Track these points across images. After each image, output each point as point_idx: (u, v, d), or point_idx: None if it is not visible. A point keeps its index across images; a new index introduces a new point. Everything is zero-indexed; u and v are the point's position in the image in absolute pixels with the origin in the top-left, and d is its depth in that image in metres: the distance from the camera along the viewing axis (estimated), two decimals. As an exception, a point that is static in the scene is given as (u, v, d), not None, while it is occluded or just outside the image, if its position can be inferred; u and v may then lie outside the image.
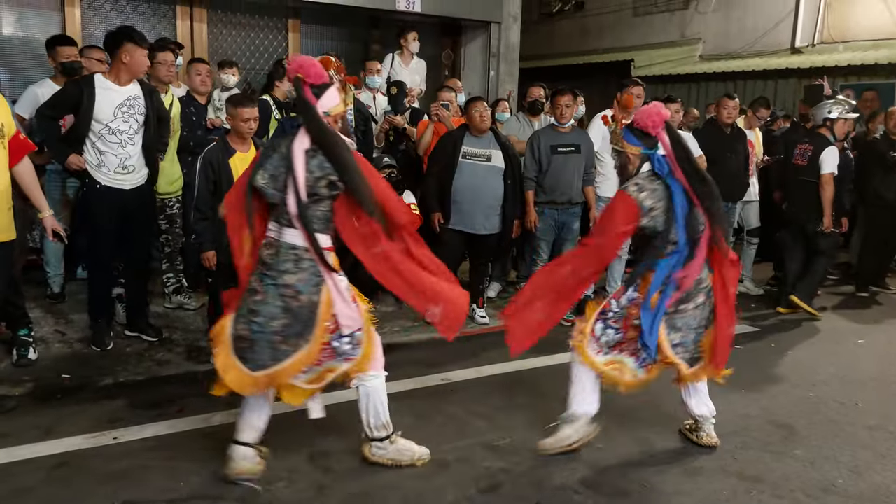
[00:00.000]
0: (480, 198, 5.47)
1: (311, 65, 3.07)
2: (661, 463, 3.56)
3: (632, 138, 3.43)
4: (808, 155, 6.23)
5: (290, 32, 7.69)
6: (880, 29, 12.11)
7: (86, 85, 4.40)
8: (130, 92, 4.48)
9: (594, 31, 16.31)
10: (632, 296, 3.40)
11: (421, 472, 3.38)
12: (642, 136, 3.40)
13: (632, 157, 3.44)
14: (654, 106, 3.41)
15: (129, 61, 4.37)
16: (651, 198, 3.30)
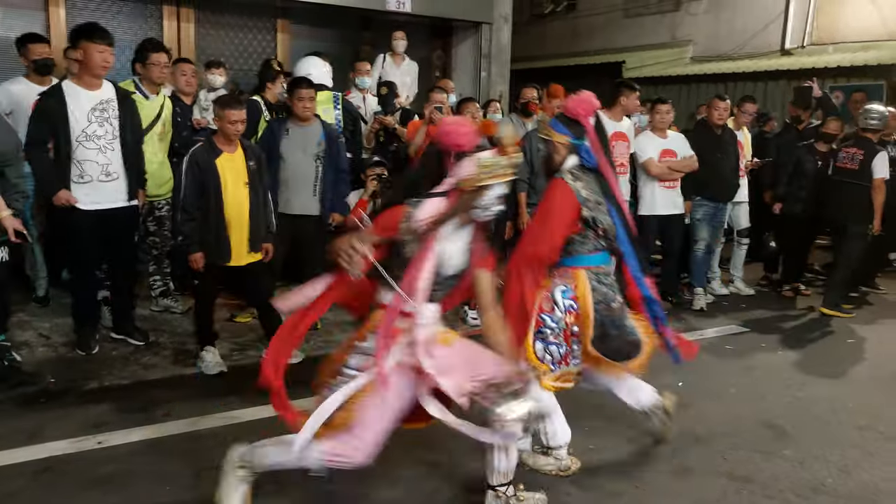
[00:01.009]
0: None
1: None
2: (653, 463, 3.55)
3: (560, 127, 3.27)
4: (858, 159, 6.32)
5: (278, 33, 7.66)
6: (869, 30, 12.16)
7: (55, 94, 4.32)
8: (103, 95, 4.41)
9: (585, 33, 16.33)
10: (567, 304, 3.22)
11: (413, 475, 3.35)
12: (571, 124, 3.26)
13: (559, 146, 3.27)
14: (585, 94, 3.30)
15: (84, 59, 4.29)
16: (586, 189, 3.20)
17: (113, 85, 4.49)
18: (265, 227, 4.53)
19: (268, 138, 5.02)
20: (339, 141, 5.22)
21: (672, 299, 6.54)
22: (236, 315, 5.38)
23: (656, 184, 6.16)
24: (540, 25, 17.13)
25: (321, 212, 5.13)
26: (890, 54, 11.38)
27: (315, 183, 5.07)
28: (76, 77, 4.39)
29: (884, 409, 4.22)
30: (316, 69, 5.72)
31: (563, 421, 3.42)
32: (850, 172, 6.34)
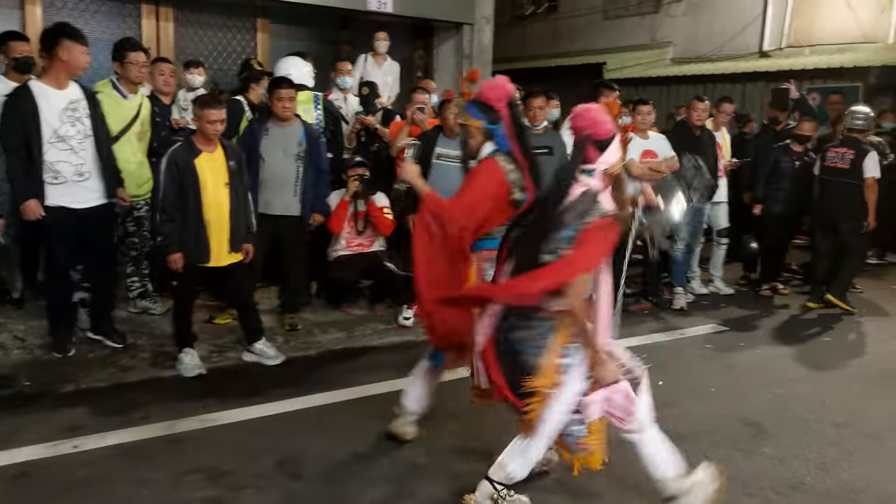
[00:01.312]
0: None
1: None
2: (633, 462, 3.54)
3: (475, 111, 3.27)
4: (849, 159, 6.42)
5: (258, 32, 7.59)
6: (845, 33, 12.31)
7: (23, 94, 4.23)
8: (72, 95, 4.34)
9: (566, 34, 16.39)
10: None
11: (392, 475, 3.34)
12: (486, 109, 3.25)
13: (474, 130, 3.28)
14: (499, 79, 3.30)
15: (67, 58, 4.23)
16: (514, 172, 3.20)
17: (78, 84, 4.42)
18: (245, 227, 4.50)
19: (248, 138, 4.98)
20: (319, 141, 5.19)
21: (653, 299, 6.58)
22: (215, 316, 5.33)
23: (637, 184, 6.17)
24: (521, 26, 17.18)
25: (302, 212, 5.10)
26: (865, 56, 11.53)
27: (296, 183, 5.04)
28: (46, 76, 4.32)
29: (862, 407, 4.26)
30: (296, 69, 5.68)
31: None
32: (842, 172, 6.44)
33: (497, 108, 3.23)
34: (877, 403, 4.32)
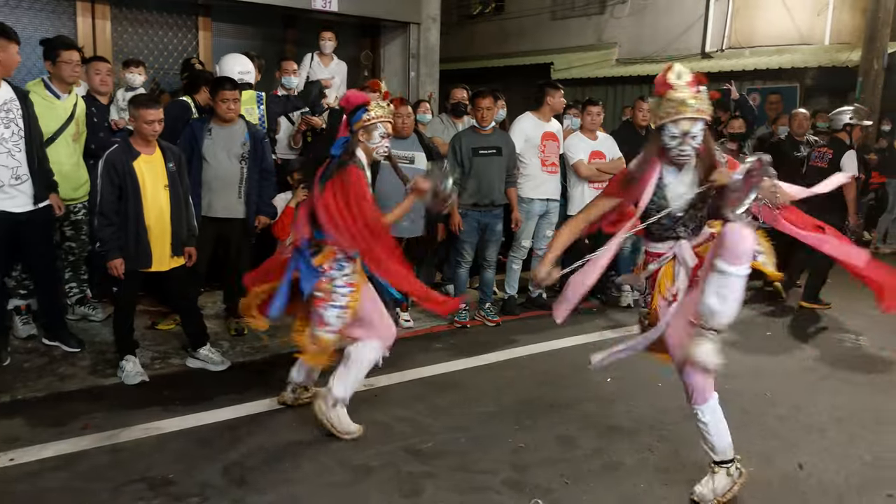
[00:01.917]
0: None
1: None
2: (583, 459, 3.59)
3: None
4: (828, 158, 6.59)
5: (200, 31, 7.44)
6: (783, 35, 12.70)
7: None
8: (4, 96, 4.18)
9: (514, 34, 16.51)
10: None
11: (343, 479, 3.30)
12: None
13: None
14: (349, 92, 3.68)
15: (2, 58, 4.09)
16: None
17: (9, 84, 4.26)
18: (187, 230, 4.39)
19: (189, 139, 4.86)
20: (263, 141, 5.10)
21: (601, 297, 6.65)
22: (158, 322, 5.19)
23: (586, 185, 6.25)
24: (468, 26, 17.24)
25: (246, 214, 5.01)
26: (802, 58, 11.91)
27: (240, 185, 4.94)
28: None
29: (804, 400, 4.38)
30: (240, 67, 5.58)
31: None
32: (821, 170, 6.56)
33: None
34: (819, 396, 4.45)
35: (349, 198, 3.41)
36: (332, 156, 3.53)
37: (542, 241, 6.23)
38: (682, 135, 2.89)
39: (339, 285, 3.57)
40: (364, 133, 3.54)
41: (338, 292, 3.56)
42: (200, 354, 4.59)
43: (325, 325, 3.56)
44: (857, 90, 10.52)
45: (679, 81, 2.87)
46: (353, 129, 3.54)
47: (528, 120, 6.13)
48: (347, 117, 3.57)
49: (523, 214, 5.99)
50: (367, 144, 3.56)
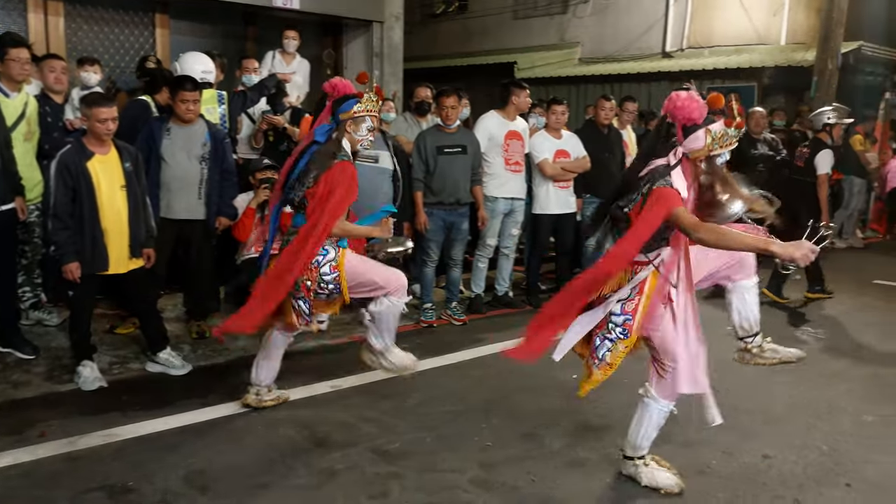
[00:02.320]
0: (368, 200, 5.36)
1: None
2: (549, 456, 3.60)
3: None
4: (805, 157, 6.76)
5: (157, 28, 7.30)
6: (741, 35, 12.93)
7: None
8: None
9: (477, 34, 16.54)
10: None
11: (309, 482, 3.27)
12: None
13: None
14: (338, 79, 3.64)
15: None
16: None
17: None
18: (145, 231, 4.30)
19: (147, 139, 4.76)
20: (224, 141, 5.01)
21: (566, 294, 6.69)
22: (117, 326, 5.08)
23: (550, 184, 6.28)
24: (432, 25, 17.23)
25: (207, 215, 4.92)
26: (760, 58, 12.14)
27: (200, 185, 4.85)
28: None
29: (761, 393, 4.45)
30: (202, 66, 5.48)
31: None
32: (799, 169, 6.82)
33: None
34: (774, 388, 4.52)
35: (338, 195, 3.45)
36: (316, 141, 3.49)
37: (507, 239, 6.25)
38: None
39: (325, 272, 3.59)
40: (352, 124, 3.52)
41: (325, 279, 3.60)
42: (160, 358, 4.50)
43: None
44: (812, 89, 10.75)
45: (736, 112, 3.03)
46: (339, 118, 3.49)
47: (493, 119, 6.13)
48: (333, 105, 3.52)
49: (488, 213, 6.00)
50: (354, 136, 3.54)
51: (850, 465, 3.56)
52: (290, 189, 3.59)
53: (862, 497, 3.28)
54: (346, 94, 3.52)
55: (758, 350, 3.54)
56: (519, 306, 6.35)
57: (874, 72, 12.88)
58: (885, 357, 5.29)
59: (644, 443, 3.30)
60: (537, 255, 6.61)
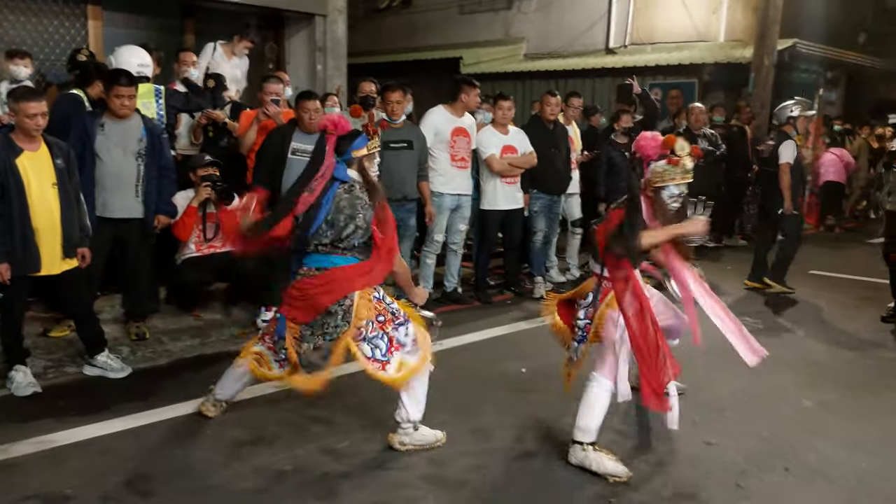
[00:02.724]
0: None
1: None
2: (499, 450, 3.61)
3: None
4: (770, 149, 7.12)
5: (89, 20, 7.02)
6: (682, 32, 13.21)
7: None
8: None
9: (422, 29, 16.50)
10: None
11: (256, 485, 3.20)
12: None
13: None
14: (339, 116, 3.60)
15: None
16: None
17: None
18: (79, 230, 4.15)
19: (80, 134, 4.57)
20: (161, 137, 4.87)
21: (514, 289, 6.73)
22: (51, 329, 4.89)
23: (498, 179, 6.30)
24: (376, 20, 17.11)
25: (145, 214, 4.77)
26: (700, 54, 12.41)
27: (137, 183, 4.70)
28: None
29: (705, 382, 4.54)
30: (139, 59, 5.31)
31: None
32: (766, 161, 7.14)
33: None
34: (718, 378, 4.63)
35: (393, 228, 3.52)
36: (338, 179, 3.42)
37: (455, 235, 6.24)
38: (679, 196, 3.48)
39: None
40: (367, 160, 3.50)
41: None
42: (98, 361, 4.35)
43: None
44: (750, 85, 11.04)
45: (683, 153, 3.47)
46: (352, 155, 3.44)
47: (440, 114, 6.11)
48: (340, 142, 3.43)
49: (435, 209, 5.98)
50: (368, 172, 3.51)
51: (789, 451, 3.66)
52: (322, 233, 3.37)
53: (801, 481, 3.38)
54: (351, 131, 3.48)
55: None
56: (467, 302, 6.36)
57: (809, 69, 13.31)
58: (822, 345, 5.48)
59: (592, 425, 3.38)
60: (485, 250, 6.63)
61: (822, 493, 3.27)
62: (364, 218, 3.37)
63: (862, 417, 4.11)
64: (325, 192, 3.37)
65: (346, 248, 3.38)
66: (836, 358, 5.16)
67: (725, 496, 3.24)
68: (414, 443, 3.55)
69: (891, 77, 15.60)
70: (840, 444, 3.74)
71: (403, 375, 3.40)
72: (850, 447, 3.72)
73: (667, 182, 3.44)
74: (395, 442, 3.55)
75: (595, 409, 3.40)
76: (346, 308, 3.34)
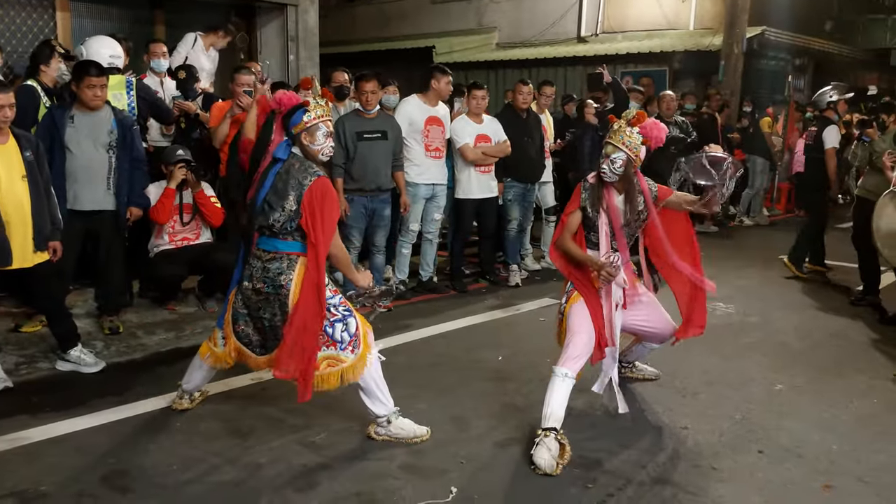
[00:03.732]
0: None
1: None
2: (477, 439, 3.63)
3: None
4: (813, 135, 7.12)
5: (57, 11, 6.88)
6: (652, 21, 13.31)
7: None
8: None
9: (395, 18, 16.42)
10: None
11: (234, 478, 3.19)
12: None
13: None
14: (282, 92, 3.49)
15: None
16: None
17: None
18: (50, 223, 4.08)
19: (49, 127, 4.50)
20: (133, 128, 4.80)
21: (489, 277, 6.76)
22: (22, 324, 4.82)
23: (472, 168, 6.30)
24: (348, 10, 17.01)
25: (116, 206, 4.71)
26: (670, 42, 12.51)
27: (108, 175, 4.64)
28: None
29: (679, 365, 4.60)
30: (110, 50, 5.22)
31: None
32: (809, 147, 7.19)
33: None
34: (692, 360, 4.70)
35: (328, 213, 3.25)
36: (277, 159, 3.31)
37: (430, 224, 6.24)
38: (605, 156, 3.62)
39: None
40: (307, 135, 3.30)
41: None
42: (71, 356, 4.30)
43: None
44: (719, 73, 11.17)
45: (624, 117, 3.64)
46: (292, 132, 3.33)
47: (413, 103, 6.10)
48: (283, 120, 3.35)
49: (410, 198, 5.98)
50: (312, 147, 3.33)
51: (762, 433, 3.73)
52: (261, 214, 3.31)
53: (774, 462, 3.45)
54: (292, 107, 3.34)
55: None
56: (443, 291, 6.37)
57: (777, 56, 13.49)
58: (793, 328, 5.57)
59: (548, 412, 3.41)
60: (460, 239, 6.64)
61: (795, 474, 3.34)
62: (294, 199, 3.22)
63: (833, 400, 4.19)
64: (265, 172, 3.32)
65: (283, 233, 3.29)
66: (807, 342, 5.26)
67: (701, 478, 3.30)
68: (390, 434, 3.54)
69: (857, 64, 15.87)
70: (812, 426, 3.82)
71: (335, 372, 3.37)
72: (821, 429, 3.80)
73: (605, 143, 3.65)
74: (371, 431, 3.57)
75: (553, 396, 3.46)
76: (283, 298, 3.29)
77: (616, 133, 3.60)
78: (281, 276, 3.29)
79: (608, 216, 3.65)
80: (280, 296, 3.29)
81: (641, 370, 4.44)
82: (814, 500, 3.16)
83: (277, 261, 3.31)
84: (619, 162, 3.58)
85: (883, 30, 16.18)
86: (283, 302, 3.29)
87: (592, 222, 3.71)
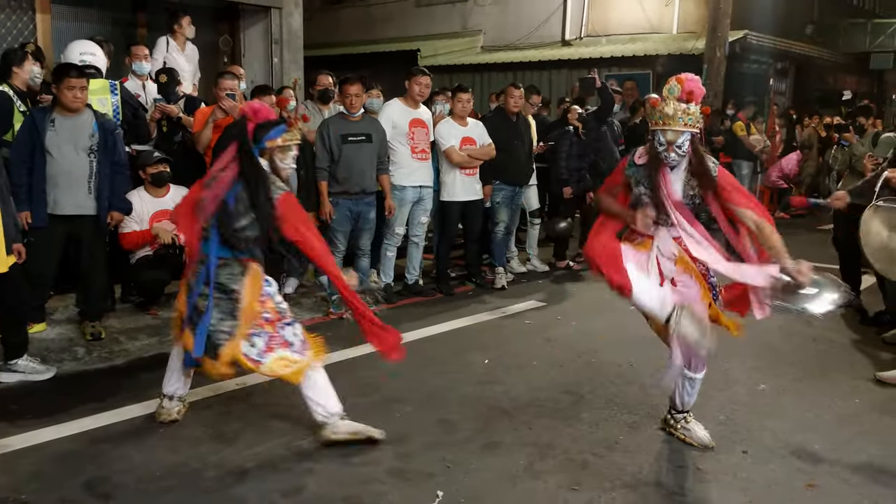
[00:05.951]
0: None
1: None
2: (463, 441, 3.62)
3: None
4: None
5: (38, 13, 6.81)
6: (636, 24, 13.39)
7: None
8: None
9: (380, 21, 16.42)
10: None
11: (220, 483, 3.16)
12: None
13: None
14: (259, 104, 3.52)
15: None
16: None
17: None
18: (13, 225, 4.03)
19: (30, 130, 4.46)
20: (115, 132, 4.76)
21: (475, 280, 6.76)
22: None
23: (457, 171, 6.30)
24: (333, 12, 16.98)
25: (98, 211, 4.66)
26: (654, 46, 12.60)
27: (89, 179, 4.59)
28: None
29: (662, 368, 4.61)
30: (78, 48, 5.18)
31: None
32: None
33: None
34: (676, 362, 4.70)
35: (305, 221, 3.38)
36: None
37: (416, 227, 6.23)
38: (668, 143, 3.30)
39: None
40: (279, 152, 3.35)
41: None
42: (20, 366, 4.18)
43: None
44: (702, 76, 11.23)
45: (669, 95, 3.32)
46: (265, 145, 3.32)
47: (396, 107, 6.09)
48: (256, 130, 3.32)
49: (396, 202, 5.96)
50: (279, 164, 3.37)
51: (745, 433, 3.75)
52: (227, 225, 3.30)
53: (759, 462, 3.47)
54: (269, 120, 3.35)
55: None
56: (429, 294, 6.36)
57: (759, 60, 13.62)
58: (776, 330, 5.59)
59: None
60: (446, 242, 6.64)
61: (779, 474, 3.36)
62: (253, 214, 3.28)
63: (816, 400, 4.22)
64: (231, 182, 3.32)
65: (243, 241, 3.32)
66: (790, 343, 5.29)
67: (686, 479, 3.31)
68: (347, 431, 3.47)
69: (837, 67, 16.05)
70: (796, 427, 3.84)
71: (293, 371, 3.36)
72: (804, 429, 3.82)
73: (653, 127, 3.37)
74: (328, 434, 3.46)
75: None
76: (235, 301, 3.30)
77: (672, 118, 3.28)
78: (233, 282, 3.33)
79: (666, 192, 3.39)
80: (232, 300, 3.32)
81: (691, 433, 3.68)
82: (798, 500, 3.18)
83: (229, 266, 3.35)
84: (685, 145, 3.32)
85: (863, 34, 16.40)
86: (235, 307, 3.31)
87: (639, 199, 3.47)
